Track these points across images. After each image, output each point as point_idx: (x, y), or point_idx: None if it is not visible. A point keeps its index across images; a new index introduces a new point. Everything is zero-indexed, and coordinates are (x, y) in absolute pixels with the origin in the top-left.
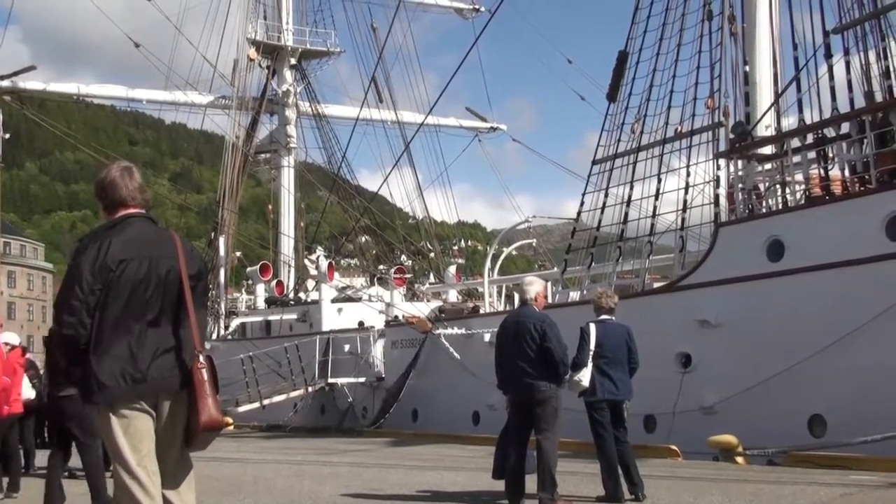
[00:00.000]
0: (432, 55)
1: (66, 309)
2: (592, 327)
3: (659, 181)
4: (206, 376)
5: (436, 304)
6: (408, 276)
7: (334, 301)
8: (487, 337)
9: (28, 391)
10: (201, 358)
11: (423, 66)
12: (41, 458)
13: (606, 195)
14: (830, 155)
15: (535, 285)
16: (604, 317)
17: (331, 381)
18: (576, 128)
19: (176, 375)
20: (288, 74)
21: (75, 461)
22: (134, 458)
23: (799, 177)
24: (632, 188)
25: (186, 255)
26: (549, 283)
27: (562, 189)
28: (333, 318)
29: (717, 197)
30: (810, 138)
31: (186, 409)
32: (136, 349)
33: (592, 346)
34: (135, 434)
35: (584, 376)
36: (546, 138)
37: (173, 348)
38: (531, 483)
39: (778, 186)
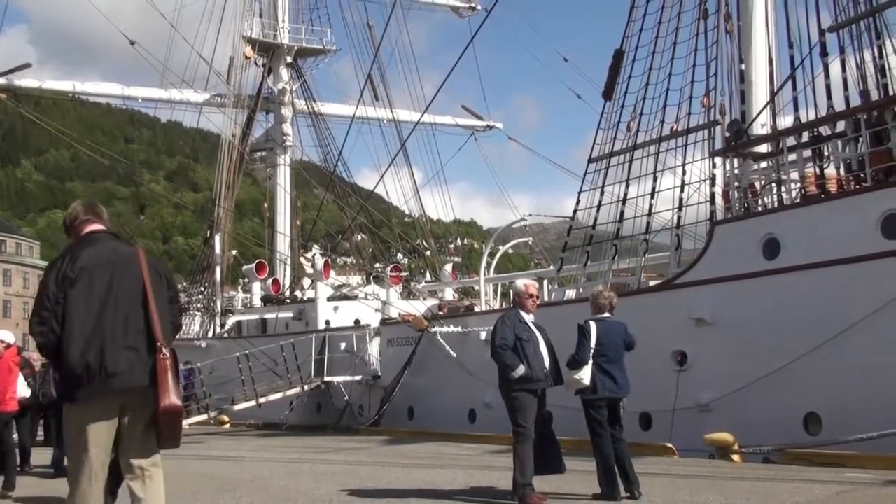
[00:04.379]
0: (437, 56)
1: (36, 319)
2: (593, 325)
3: (655, 179)
4: (168, 366)
5: (432, 302)
6: (404, 274)
7: (330, 299)
8: (483, 335)
9: (23, 390)
10: (165, 351)
11: (428, 66)
12: (37, 456)
13: (602, 193)
14: (826, 153)
15: (518, 285)
16: (604, 315)
17: (327, 379)
18: (578, 126)
19: (142, 372)
20: (284, 72)
21: None
22: (92, 452)
23: (794, 175)
24: (628, 186)
25: (150, 264)
26: (546, 282)
27: (562, 187)
28: (329, 316)
29: (712, 195)
30: (806, 137)
31: (153, 404)
32: (101, 350)
33: (593, 344)
34: (95, 429)
35: (585, 374)
36: (549, 137)
37: (138, 347)
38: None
39: (773, 185)
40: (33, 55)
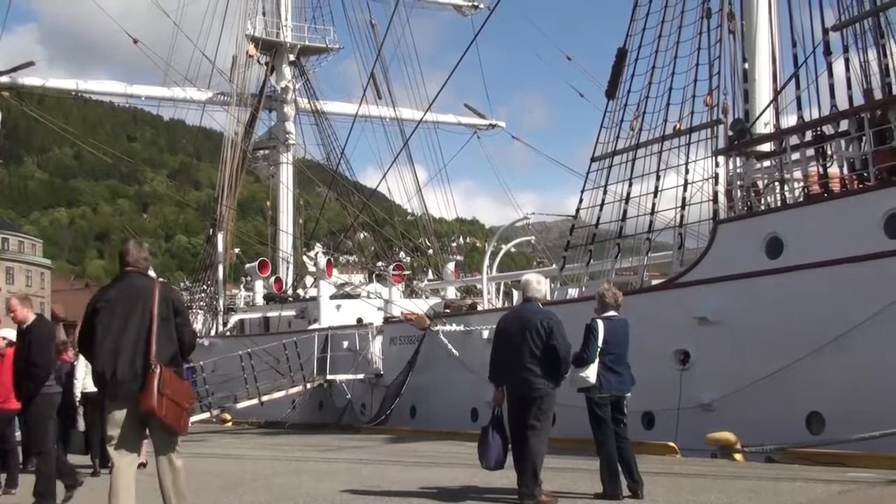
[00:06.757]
0: (441, 54)
1: (78, 339)
2: (600, 324)
3: (658, 178)
4: (155, 379)
5: (434, 300)
6: (406, 272)
7: (333, 298)
8: (486, 334)
9: None
10: (154, 367)
11: (431, 65)
12: None
13: (605, 192)
14: (829, 152)
15: (543, 285)
16: (610, 313)
17: (329, 377)
18: (582, 125)
19: (139, 383)
20: (287, 71)
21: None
22: (117, 433)
23: (797, 174)
24: (630, 185)
25: (162, 296)
26: (548, 281)
27: (565, 186)
28: (332, 314)
29: (715, 194)
30: (809, 136)
31: None
32: (115, 365)
33: (600, 343)
34: (111, 420)
35: (591, 373)
36: (553, 136)
37: (140, 363)
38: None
39: (776, 184)
40: (42, 54)
